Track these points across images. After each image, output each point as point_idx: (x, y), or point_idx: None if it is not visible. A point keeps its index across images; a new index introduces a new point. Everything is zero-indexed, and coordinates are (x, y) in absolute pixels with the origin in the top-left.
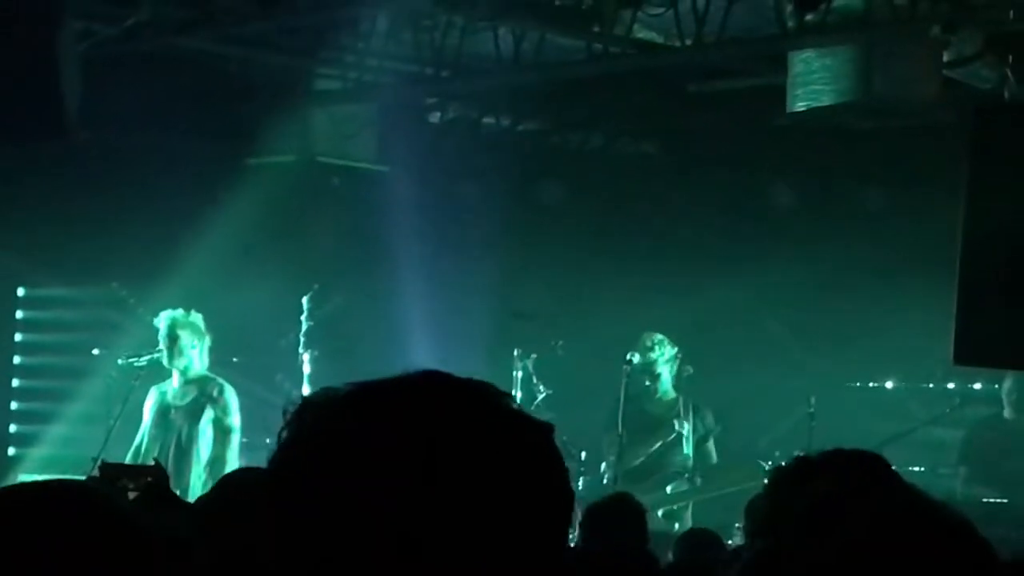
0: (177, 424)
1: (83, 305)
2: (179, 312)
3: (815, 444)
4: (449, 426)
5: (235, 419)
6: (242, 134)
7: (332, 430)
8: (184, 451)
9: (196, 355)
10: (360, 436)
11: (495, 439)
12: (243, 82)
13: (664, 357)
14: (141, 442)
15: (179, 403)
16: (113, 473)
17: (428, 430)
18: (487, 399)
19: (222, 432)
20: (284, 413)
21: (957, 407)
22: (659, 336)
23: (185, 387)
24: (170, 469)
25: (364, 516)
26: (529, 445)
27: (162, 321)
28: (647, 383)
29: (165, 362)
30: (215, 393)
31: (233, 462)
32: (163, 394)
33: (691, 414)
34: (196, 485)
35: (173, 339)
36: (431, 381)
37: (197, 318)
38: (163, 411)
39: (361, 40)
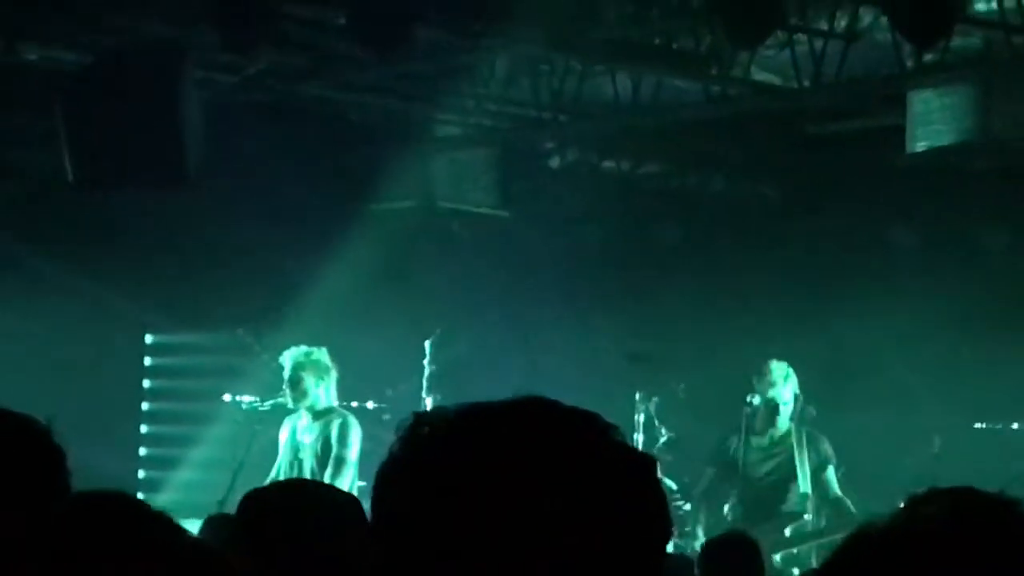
0: (308, 463)
1: (209, 351)
2: (302, 352)
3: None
4: (555, 452)
5: (351, 452)
6: (362, 180)
7: (440, 449)
8: None
9: (322, 392)
10: (467, 456)
11: (598, 467)
12: (363, 128)
13: (787, 386)
14: (276, 477)
15: (306, 440)
16: None
17: (533, 455)
18: (593, 428)
19: (336, 463)
20: (397, 428)
21: None
22: (784, 365)
23: (312, 423)
24: None
25: (464, 536)
26: (631, 475)
27: (286, 361)
28: (767, 413)
29: (290, 404)
30: (336, 427)
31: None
32: (293, 429)
33: (805, 445)
34: None
35: (296, 382)
36: (539, 407)
37: (321, 354)
38: (294, 448)
39: (480, 85)
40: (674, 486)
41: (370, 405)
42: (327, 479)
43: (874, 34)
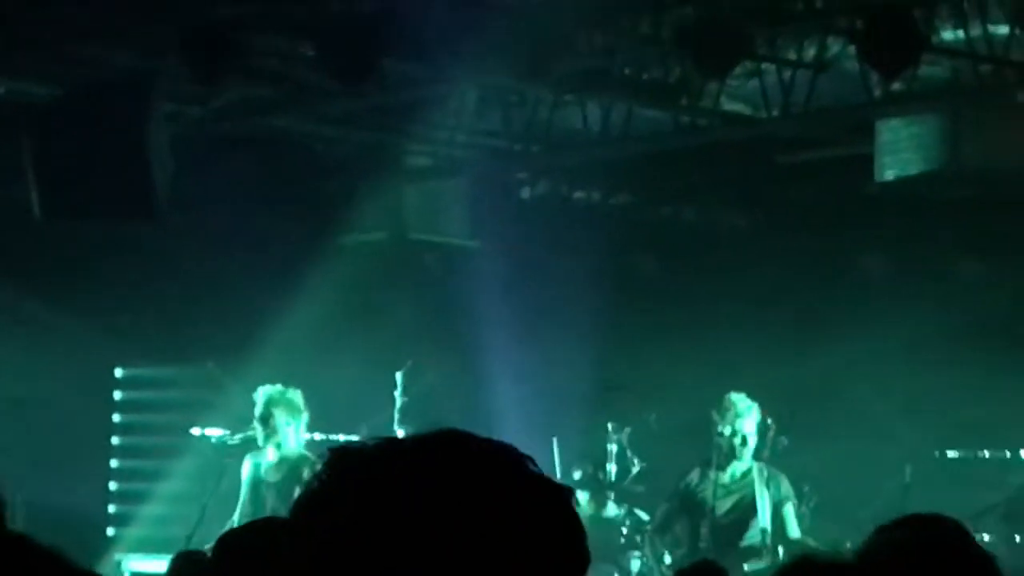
0: (269, 502)
1: (179, 385)
2: (276, 389)
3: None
4: (467, 483)
5: None
6: (333, 212)
7: (355, 484)
8: None
9: (291, 432)
10: (381, 491)
11: (510, 499)
12: (332, 160)
13: (749, 418)
14: (240, 518)
15: (271, 479)
16: None
17: (446, 487)
18: (506, 460)
19: None
20: (314, 464)
21: None
22: (744, 396)
23: (279, 463)
24: None
25: (377, 568)
26: (544, 506)
27: (260, 397)
28: (731, 447)
29: (259, 440)
30: (306, 475)
31: None
32: (257, 466)
33: (766, 481)
34: None
35: (266, 418)
36: (453, 439)
37: (295, 395)
38: (255, 485)
39: (450, 116)
40: (645, 517)
41: (341, 438)
42: None
43: (842, 63)
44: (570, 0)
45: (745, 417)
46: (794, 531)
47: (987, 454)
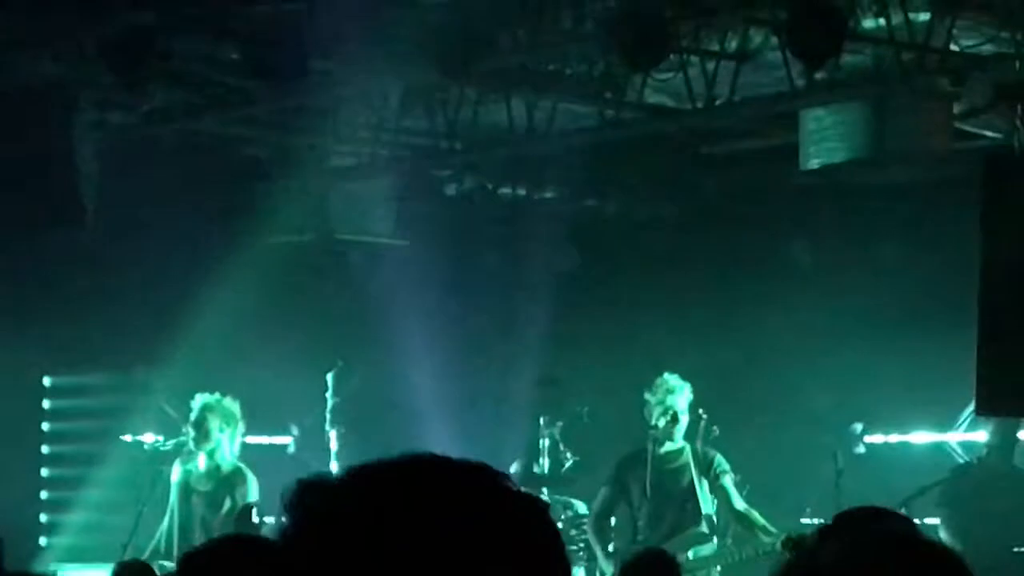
0: (198, 511)
1: (108, 391)
2: (213, 397)
3: (844, 502)
4: (450, 509)
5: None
6: (259, 215)
7: (332, 517)
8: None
9: (225, 440)
10: (360, 521)
11: (493, 520)
12: (257, 162)
13: (682, 396)
14: (171, 526)
15: (201, 488)
16: None
17: (428, 514)
18: (486, 481)
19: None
20: (281, 498)
21: (985, 457)
22: (677, 376)
23: (209, 473)
24: None
25: None
26: (528, 523)
27: (195, 404)
28: (666, 427)
29: (191, 446)
30: (236, 486)
31: None
32: (187, 472)
33: (700, 462)
34: None
35: (199, 423)
36: (428, 465)
37: (232, 404)
38: (186, 493)
39: (374, 115)
40: (583, 509)
41: (273, 440)
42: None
43: (765, 54)
44: None
45: (677, 394)
46: (738, 503)
47: (914, 438)
